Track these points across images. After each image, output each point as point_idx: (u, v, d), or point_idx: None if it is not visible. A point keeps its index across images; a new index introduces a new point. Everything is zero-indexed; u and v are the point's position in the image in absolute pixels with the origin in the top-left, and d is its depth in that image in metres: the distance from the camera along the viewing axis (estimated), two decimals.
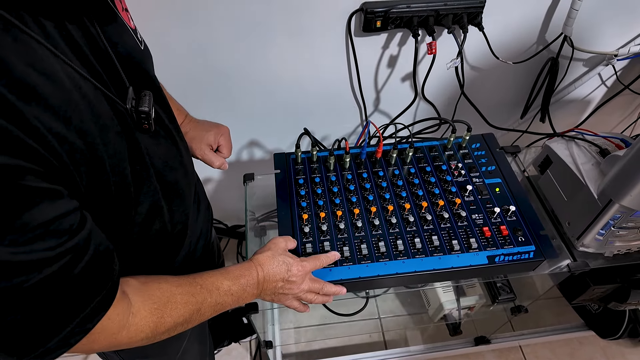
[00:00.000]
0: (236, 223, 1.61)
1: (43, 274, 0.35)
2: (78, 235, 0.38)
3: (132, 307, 0.47)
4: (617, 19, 1.04)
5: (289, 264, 0.64)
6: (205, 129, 0.82)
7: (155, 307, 0.49)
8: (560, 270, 0.84)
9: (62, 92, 0.35)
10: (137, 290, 0.49)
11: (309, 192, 0.83)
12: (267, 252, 0.66)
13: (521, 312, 1.11)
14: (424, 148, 0.91)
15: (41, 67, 0.33)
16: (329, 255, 0.71)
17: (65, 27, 0.38)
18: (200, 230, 0.73)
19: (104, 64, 0.43)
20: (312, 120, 1.18)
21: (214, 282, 0.57)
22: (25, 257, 0.33)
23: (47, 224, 0.34)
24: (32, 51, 0.33)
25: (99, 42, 0.42)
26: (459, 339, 1.37)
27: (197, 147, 0.79)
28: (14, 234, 0.32)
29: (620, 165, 0.72)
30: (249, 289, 0.61)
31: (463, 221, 0.78)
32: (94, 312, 0.40)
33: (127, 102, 0.45)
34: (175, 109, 0.78)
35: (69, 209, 0.37)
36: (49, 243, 0.35)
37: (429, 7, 0.89)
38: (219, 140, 0.82)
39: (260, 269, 0.62)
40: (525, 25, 1.01)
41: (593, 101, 1.30)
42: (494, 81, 1.15)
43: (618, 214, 0.75)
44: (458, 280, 0.84)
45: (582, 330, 1.43)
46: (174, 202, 0.58)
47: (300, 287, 0.66)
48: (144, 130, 0.48)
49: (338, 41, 0.97)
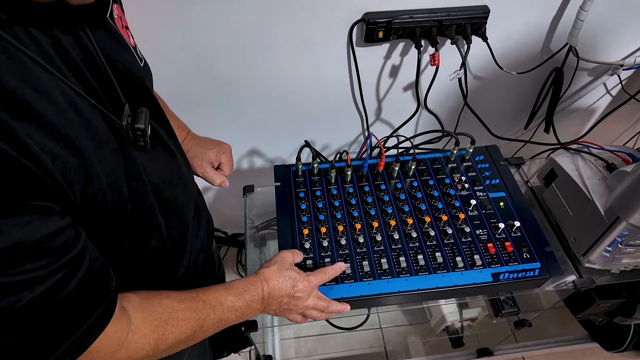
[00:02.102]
0: (236, 231, 1.59)
1: (35, 292, 0.34)
2: (72, 252, 0.37)
3: (131, 325, 0.45)
4: (623, 29, 1.02)
5: (295, 279, 0.63)
6: (207, 146, 0.81)
7: (156, 324, 0.48)
8: (565, 287, 0.83)
9: (56, 110, 0.35)
10: (137, 307, 0.48)
11: (310, 205, 0.82)
12: (273, 266, 0.64)
13: (525, 325, 1.09)
14: (427, 160, 0.89)
15: (35, 85, 0.33)
16: (335, 268, 0.69)
17: (62, 45, 0.38)
18: (200, 244, 0.72)
19: (101, 81, 0.42)
20: (313, 129, 1.17)
21: (218, 297, 0.56)
22: (16, 278, 0.33)
23: (39, 242, 0.34)
24: (27, 68, 0.33)
25: (96, 59, 0.42)
26: (462, 351, 1.35)
27: (198, 164, 0.78)
28: (5, 254, 0.32)
29: (628, 182, 0.70)
30: (253, 304, 0.59)
31: (467, 237, 0.77)
32: (90, 330, 0.40)
33: (123, 119, 0.44)
34: (177, 125, 0.78)
35: (62, 225, 0.36)
36: (42, 262, 0.34)
37: (432, 18, 0.88)
38: (220, 158, 0.81)
39: (266, 284, 0.61)
40: (529, 36, 1.00)
41: (598, 111, 1.29)
42: (497, 91, 1.13)
43: (625, 231, 0.73)
44: (461, 298, 0.82)
45: (586, 342, 1.41)
46: (172, 218, 0.57)
47: (305, 303, 0.64)
48: (139, 147, 0.47)
49: (340, 51, 0.96)
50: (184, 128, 0.81)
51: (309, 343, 1.42)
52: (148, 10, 0.82)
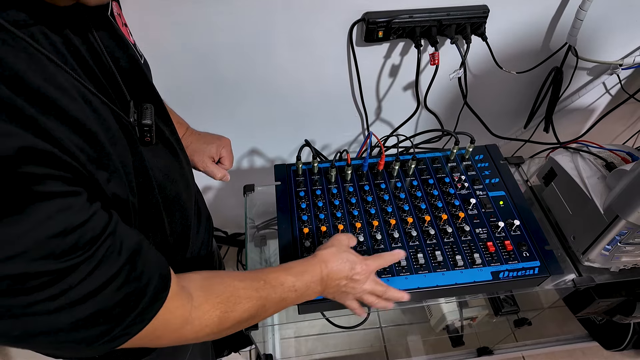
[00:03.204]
0: (236, 231, 1.59)
1: (87, 272, 0.35)
2: (110, 230, 0.38)
3: (193, 301, 0.46)
4: (622, 29, 1.03)
5: (353, 262, 0.62)
6: (207, 141, 0.81)
7: (218, 301, 0.49)
8: (565, 285, 0.83)
9: (77, 106, 0.36)
10: (198, 285, 0.48)
11: (310, 205, 0.82)
12: (331, 248, 0.62)
13: (524, 324, 1.09)
14: (427, 159, 0.89)
15: (55, 82, 0.34)
16: (394, 254, 0.67)
17: (73, 44, 0.39)
18: (201, 241, 0.72)
19: (107, 78, 0.43)
20: (313, 128, 1.17)
21: (278, 277, 0.56)
22: (69, 262, 0.34)
23: (82, 224, 0.35)
24: (45, 67, 0.34)
25: (102, 58, 0.43)
26: (462, 350, 1.35)
27: (199, 159, 0.78)
28: (55, 240, 0.33)
29: (627, 180, 0.70)
30: (312, 285, 0.59)
31: (467, 236, 0.77)
32: (150, 303, 0.40)
33: (130, 115, 0.45)
34: (176, 121, 0.78)
35: (96, 209, 0.37)
36: (88, 244, 0.35)
37: (432, 18, 0.88)
38: (220, 152, 0.81)
39: (325, 266, 0.60)
40: (529, 35, 1.00)
41: (597, 110, 1.29)
42: (497, 91, 1.14)
43: (625, 230, 0.73)
44: (461, 296, 0.82)
45: (585, 341, 1.41)
46: (175, 215, 0.57)
47: (363, 286, 0.63)
48: (146, 143, 0.48)
49: (340, 51, 0.96)
50: (183, 124, 0.81)
51: (309, 342, 1.43)
52: (148, 9, 0.82)
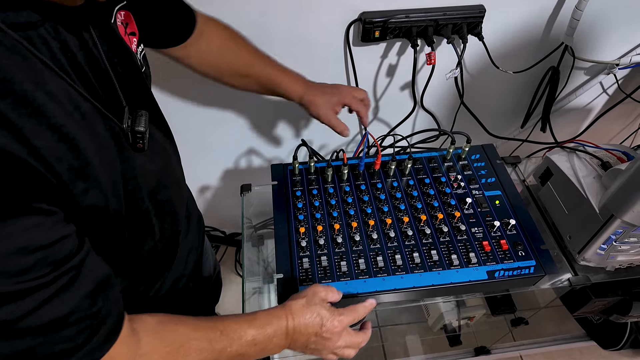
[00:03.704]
0: (234, 230, 1.59)
1: (37, 300, 0.33)
2: (75, 260, 0.37)
3: (140, 348, 0.43)
4: (618, 29, 1.03)
5: (323, 318, 0.57)
6: (330, 92, 0.83)
7: (167, 351, 0.46)
8: (561, 284, 0.83)
9: (63, 112, 0.35)
10: (150, 330, 0.46)
11: (306, 204, 0.82)
12: (301, 299, 0.58)
13: (521, 324, 1.09)
14: (423, 159, 0.90)
15: (45, 87, 0.34)
16: (367, 305, 0.63)
17: (70, 49, 0.38)
18: (191, 244, 0.72)
19: (103, 83, 0.43)
20: (310, 128, 1.17)
21: (237, 329, 0.52)
22: (19, 286, 0.32)
23: (44, 247, 0.33)
24: (39, 72, 0.34)
25: (100, 63, 0.42)
26: (459, 350, 1.35)
27: (323, 112, 0.80)
28: (9, 259, 0.31)
29: (622, 180, 0.71)
30: (275, 339, 0.55)
31: (462, 235, 0.77)
32: (96, 346, 0.38)
33: (124, 121, 0.45)
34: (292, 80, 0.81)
35: (67, 233, 0.36)
36: (46, 269, 0.34)
37: (428, 17, 0.89)
38: (354, 107, 0.86)
39: (291, 318, 0.56)
40: (525, 35, 1.00)
41: (594, 109, 1.29)
42: (494, 90, 1.14)
43: (620, 229, 0.73)
44: (458, 295, 0.82)
45: (583, 340, 1.41)
46: (166, 220, 0.57)
47: (335, 343, 0.59)
48: (138, 149, 0.47)
49: (337, 50, 0.96)
50: (298, 80, 0.82)
51: None
52: None
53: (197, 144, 1.16)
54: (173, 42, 0.67)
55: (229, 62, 0.76)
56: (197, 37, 0.69)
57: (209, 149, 1.20)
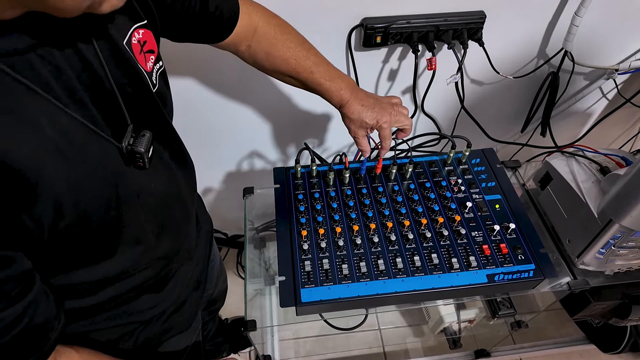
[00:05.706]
0: (236, 232, 1.60)
1: None
2: (16, 304, 0.38)
3: None
4: (617, 34, 1.04)
5: None
6: (370, 116, 0.75)
7: None
8: (560, 288, 0.84)
9: (39, 139, 0.35)
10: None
11: (308, 207, 0.83)
12: None
13: (521, 327, 1.10)
14: (424, 163, 0.90)
15: (22, 115, 0.34)
16: None
17: (64, 72, 0.38)
18: (199, 255, 0.73)
19: (104, 104, 0.43)
20: (312, 131, 1.18)
21: None
22: None
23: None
24: (17, 98, 0.34)
25: (104, 83, 0.42)
26: (460, 352, 1.36)
27: (354, 130, 0.77)
28: None
29: (621, 184, 0.71)
30: None
31: (463, 239, 0.78)
32: None
33: (124, 140, 0.45)
34: (335, 85, 0.75)
35: (12, 274, 0.36)
36: None
37: (429, 23, 0.90)
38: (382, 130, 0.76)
39: None
40: (525, 41, 1.01)
41: (594, 114, 1.30)
42: (494, 95, 1.15)
43: (618, 233, 0.74)
44: (458, 298, 0.83)
45: (583, 343, 1.42)
46: (163, 239, 0.57)
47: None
48: (139, 167, 0.48)
49: (338, 55, 0.97)
50: (343, 88, 0.76)
51: (307, 344, 1.43)
52: None
53: (201, 147, 1.17)
54: (214, 39, 0.69)
55: (274, 66, 0.75)
56: (245, 36, 0.71)
57: (213, 152, 1.21)
